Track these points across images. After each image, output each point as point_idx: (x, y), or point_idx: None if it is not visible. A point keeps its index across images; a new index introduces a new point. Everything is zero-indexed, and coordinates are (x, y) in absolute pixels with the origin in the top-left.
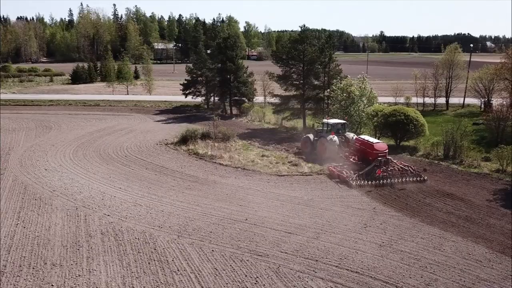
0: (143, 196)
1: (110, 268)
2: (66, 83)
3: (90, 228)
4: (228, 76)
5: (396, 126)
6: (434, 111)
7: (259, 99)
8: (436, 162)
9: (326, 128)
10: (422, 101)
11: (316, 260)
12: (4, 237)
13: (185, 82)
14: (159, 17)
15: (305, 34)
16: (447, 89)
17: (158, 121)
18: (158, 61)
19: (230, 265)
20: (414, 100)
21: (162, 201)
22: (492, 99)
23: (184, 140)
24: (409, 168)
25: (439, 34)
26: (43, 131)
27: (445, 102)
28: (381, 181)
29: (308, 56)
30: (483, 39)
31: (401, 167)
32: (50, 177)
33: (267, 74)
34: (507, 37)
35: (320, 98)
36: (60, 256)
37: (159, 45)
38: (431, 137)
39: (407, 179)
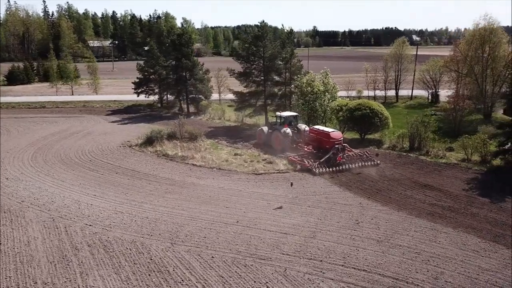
0: (122, 202)
1: (108, 283)
2: (2, 85)
3: (74, 240)
4: (184, 74)
5: (361, 119)
6: (385, 103)
7: (213, 96)
8: (405, 154)
9: (279, 121)
10: (373, 94)
11: (321, 260)
12: None
13: (137, 80)
14: (93, 13)
15: (265, 30)
16: (396, 82)
17: (113, 122)
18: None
19: (235, 272)
20: (365, 93)
21: (143, 207)
22: (439, 90)
23: (149, 141)
24: (364, 153)
25: (368, 28)
26: None
27: (394, 94)
28: (341, 166)
29: (269, 52)
30: (408, 32)
31: (357, 153)
32: (14, 187)
33: (227, 71)
34: (429, 31)
35: (283, 94)
36: (49, 274)
37: (94, 43)
38: (394, 129)
39: (363, 163)
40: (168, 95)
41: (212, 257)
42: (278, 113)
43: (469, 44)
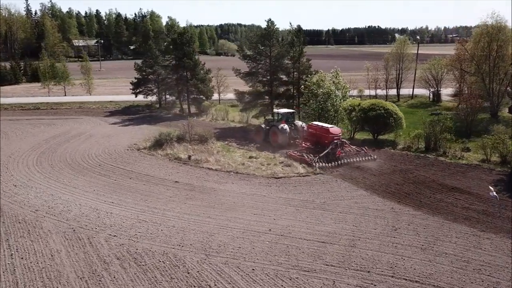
0: (143, 210)
1: None
2: None
3: (100, 253)
4: (185, 73)
5: (376, 120)
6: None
7: (213, 96)
8: (422, 155)
9: (276, 118)
10: (374, 93)
11: (368, 271)
12: (3, 272)
13: (135, 80)
14: (76, 12)
15: (272, 29)
16: (397, 80)
17: (114, 123)
18: (80, 59)
19: (282, 286)
20: (366, 92)
21: (167, 215)
22: (441, 89)
23: (158, 144)
24: (362, 149)
25: (352, 27)
26: None
27: (395, 93)
28: (341, 161)
29: (276, 51)
30: (391, 31)
31: (354, 149)
32: (25, 195)
33: (233, 71)
34: (410, 29)
35: (291, 94)
36: None
37: (79, 42)
38: (409, 130)
39: (361, 158)
40: (168, 96)
41: (253, 269)
42: (275, 110)
43: (476, 42)
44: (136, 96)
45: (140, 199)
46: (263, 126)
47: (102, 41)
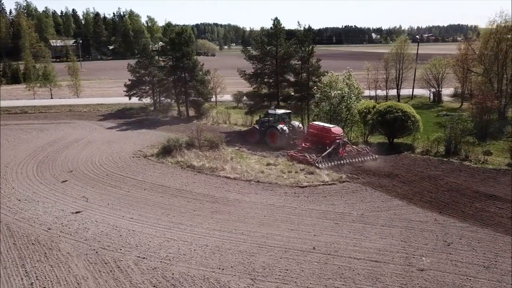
0: (169, 227)
1: None
2: None
3: (133, 279)
4: (183, 75)
5: (393, 123)
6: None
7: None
8: (445, 159)
9: (273, 118)
10: (374, 94)
11: None
12: None
13: (129, 82)
14: (52, 11)
15: (279, 28)
16: (397, 81)
17: (111, 128)
18: (57, 59)
19: None
20: (366, 93)
21: (195, 231)
22: (442, 89)
23: (167, 150)
24: (364, 149)
25: (329, 27)
26: None
27: (395, 94)
28: (343, 161)
29: (283, 51)
30: (367, 31)
31: (356, 148)
32: (32, 210)
33: (238, 72)
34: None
35: (302, 96)
36: None
37: (57, 42)
38: (427, 133)
39: (363, 158)
40: (162, 98)
41: None
42: (270, 111)
43: (485, 42)
44: (130, 99)
45: (162, 213)
46: (257, 127)
47: (81, 41)
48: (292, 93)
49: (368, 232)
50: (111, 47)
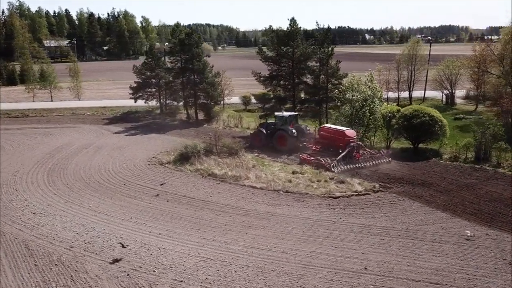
0: (201, 244)
1: None
2: None
3: None
4: (193, 77)
5: (420, 128)
6: (398, 106)
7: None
8: (478, 166)
9: (281, 121)
10: (385, 96)
11: None
12: None
13: (135, 84)
14: (45, 11)
15: (296, 29)
16: (409, 83)
17: (118, 133)
18: (52, 60)
19: None
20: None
21: (232, 249)
22: (455, 91)
23: (185, 157)
24: (379, 152)
25: (321, 27)
26: None
27: (406, 96)
28: (359, 164)
29: (299, 52)
30: (361, 32)
31: (370, 152)
32: (50, 225)
33: (253, 74)
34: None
35: (320, 99)
36: None
37: (51, 43)
38: (449, 137)
39: (377, 161)
40: (168, 101)
41: None
42: (277, 113)
43: (506, 43)
44: (135, 101)
45: (191, 228)
46: (262, 130)
47: (75, 42)
48: (307, 96)
49: (419, 249)
50: (105, 48)
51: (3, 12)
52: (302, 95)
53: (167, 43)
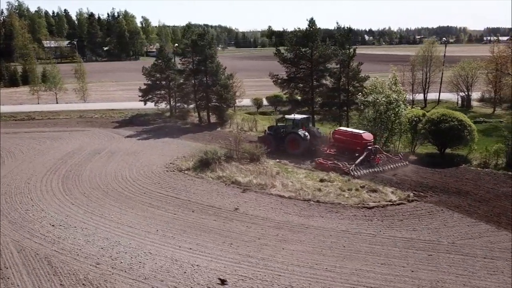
0: (236, 260)
1: None
2: None
3: None
4: (205, 79)
5: (449, 133)
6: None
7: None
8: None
9: (292, 124)
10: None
11: None
12: None
13: (144, 86)
14: (44, 11)
15: (315, 29)
16: (424, 85)
17: (130, 137)
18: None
19: None
20: None
21: (270, 267)
22: (471, 94)
23: (204, 163)
24: (397, 155)
25: (322, 28)
26: None
27: (421, 98)
28: (377, 168)
29: (318, 53)
30: (360, 32)
31: (387, 155)
32: (72, 239)
33: (270, 77)
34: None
35: (342, 102)
36: None
37: (51, 43)
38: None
39: (395, 165)
40: (180, 103)
41: None
42: (288, 116)
43: None
44: (145, 104)
45: (223, 242)
46: (271, 133)
47: (74, 42)
48: (326, 99)
49: (472, 266)
50: (105, 48)
51: (2, 12)
52: (319, 98)
53: (176, 44)
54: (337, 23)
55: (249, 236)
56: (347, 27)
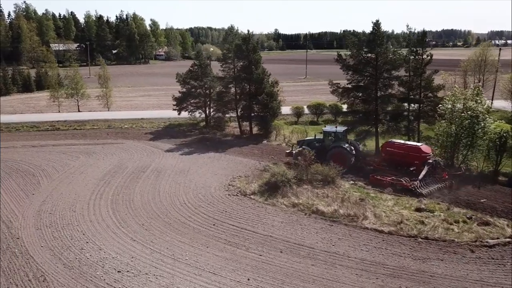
0: None
1: None
2: None
3: None
4: (249, 87)
5: None
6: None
7: None
8: None
9: (333, 137)
10: None
11: None
12: None
13: (180, 95)
14: (51, 14)
15: (381, 33)
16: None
17: (170, 151)
18: (60, 64)
19: None
20: None
21: None
22: None
23: (272, 187)
24: (461, 168)
25: (328, 31)
26: (26, 181)
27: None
28: (444, 183)
29: (384, 60)
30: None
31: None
32: None
33: (329, 85)
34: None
35: (416, 114)
36: None
37: (59, 46)
38: None
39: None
40: (217, 113)
41: None
42: (327, 129)
43: None
44: (179, 113)
45: None
46: (308, 148)
47: (84, 45)
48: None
49: None
50: (114, 52)
51: (9, 14)
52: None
53: (211, 49)
54: (407, 26)
55: None
56: (421, 30)
